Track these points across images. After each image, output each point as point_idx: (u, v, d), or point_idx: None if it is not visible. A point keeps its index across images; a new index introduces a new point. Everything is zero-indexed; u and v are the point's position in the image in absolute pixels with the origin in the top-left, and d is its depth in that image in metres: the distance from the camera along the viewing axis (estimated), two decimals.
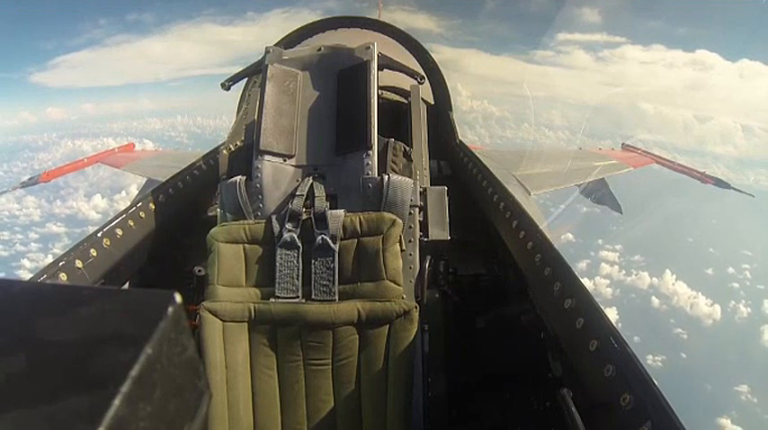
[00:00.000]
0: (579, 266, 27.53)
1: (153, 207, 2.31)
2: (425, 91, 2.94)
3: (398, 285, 1.73)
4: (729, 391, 21.49)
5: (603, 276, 28.94)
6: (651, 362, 22.46)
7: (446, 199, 1.98)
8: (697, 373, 22.05)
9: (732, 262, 31.39)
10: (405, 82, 2.44)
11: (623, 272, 29.23)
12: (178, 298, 0.35)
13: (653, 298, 27.67)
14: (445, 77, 3.55)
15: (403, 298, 1.74)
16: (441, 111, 3.50)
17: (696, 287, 27.94)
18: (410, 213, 1.87)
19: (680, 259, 30.46)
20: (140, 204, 2.27)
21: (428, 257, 1.89)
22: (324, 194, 1.84)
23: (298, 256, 1.76)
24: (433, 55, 3.55)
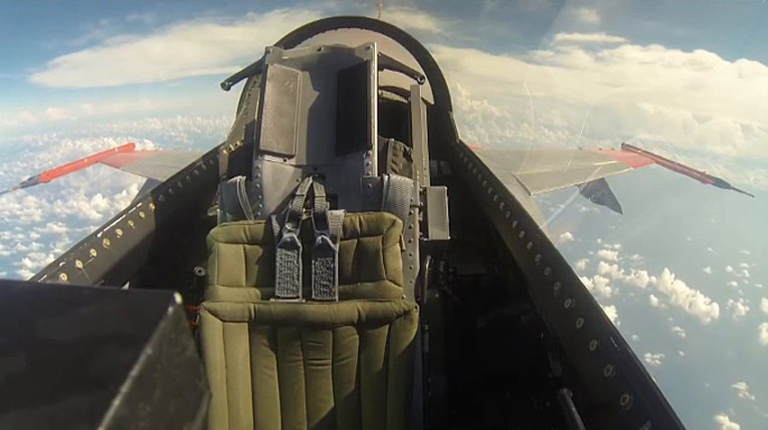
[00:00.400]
0: (578, 265, 27.65)
1: (153, 207, 2.31)
2: (425, 91, 2.94)
3: (398, 285, 1.73)
4: (727, 389, 21.54)
5: (602, 275, 29.00)
6: (650, 360, 22.51)
7: (446, 199, 1.97)
8: (695, 371, 22.08)
9: (731, 261, 31.44)
10: (405, 82, 2.44)
11: (622, 271, 29.31)
12: (178, 298, 0.35)
13: (651, 296, 27.73)
14: (445, 77, 3.55)
15: (403, 298, 1.74)
16: (441, 111, 3.50)
17: (695, 286, 28.01)
18: (410, 213, 1.87)
19: (679, 258, 30.50)
20: (140, 204, 2.27)
21: (428, 257, 1.89)
22: (324, 194, 1.84)
23: (298, 257, 1.76)
24: (432, 55, 3.55)
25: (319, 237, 1.75)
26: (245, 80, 2.97)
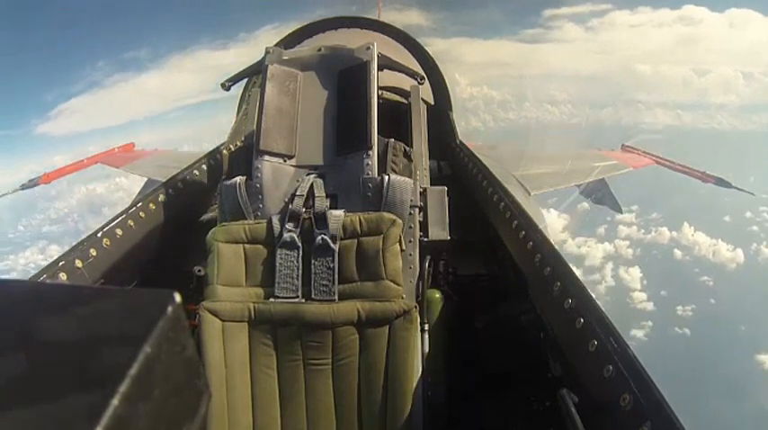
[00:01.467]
0: (597, 232, 27.73)
1: (153, 207, 2.32)
2: (425, 91, 2.94)
3: (398, 285, 1.73)
4: (764, 329, 21.11)
5: (623, 238, 28.66)
6: (681, 312, 22.42)
7: (446, 199, 1.98)
8: (729, 317, 21.87)
9: (749, 206, 30.80)
10: (405, 82, 2.44)
11: (642, 231, 29.11)
12: (177, 297, 0.35)
13: (675, 250, 27.71)
14: (445, 77, 3.54)
15: (403, 298, 1.74)
16: (441, 112, 3.50)
17: (716, 235, 27.87)
18: (410, 213, 1.87)
19: (696, 211, 29.88)
20: (140, 204, 2.27)
21: (428, 257, 1.89)
22: (324, 194, 1.84)
23: (298, 256, 1.76)
24: (427, 49, 3.54)
25: (319, 237, 1.75)
26: (246, 80, 2.98)
